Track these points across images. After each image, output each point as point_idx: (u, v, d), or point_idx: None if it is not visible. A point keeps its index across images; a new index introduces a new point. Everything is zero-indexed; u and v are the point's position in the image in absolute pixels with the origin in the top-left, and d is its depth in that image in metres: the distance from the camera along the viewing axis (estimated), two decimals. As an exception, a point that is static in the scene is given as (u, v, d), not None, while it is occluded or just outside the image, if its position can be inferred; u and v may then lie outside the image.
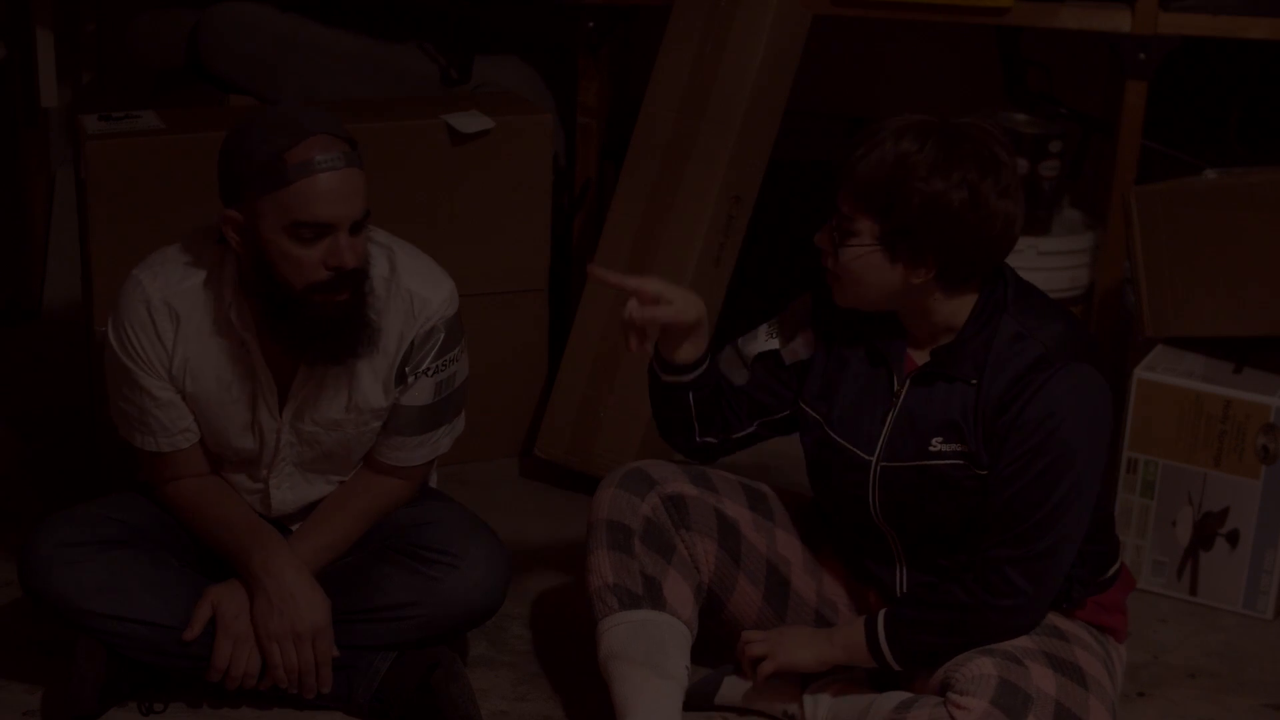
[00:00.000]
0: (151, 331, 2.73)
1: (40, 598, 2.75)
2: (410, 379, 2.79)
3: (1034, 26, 3.64)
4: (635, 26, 3.95)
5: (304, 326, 2.67)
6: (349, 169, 2.63)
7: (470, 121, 3.48)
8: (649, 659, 2.67)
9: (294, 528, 2.89)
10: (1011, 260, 2.64)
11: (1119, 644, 2.75)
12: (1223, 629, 3.17)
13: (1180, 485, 3.20)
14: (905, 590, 2.71)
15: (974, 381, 2.57)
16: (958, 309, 2.60)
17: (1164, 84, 3.73)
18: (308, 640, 2.75)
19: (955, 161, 2.50)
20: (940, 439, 2.60)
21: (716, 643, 2.88)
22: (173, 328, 2.73)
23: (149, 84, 4.15)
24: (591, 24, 3.74)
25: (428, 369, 2.79)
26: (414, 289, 2.76)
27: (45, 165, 4.38)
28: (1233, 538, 3.18)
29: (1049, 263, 3.73)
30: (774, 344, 2.78)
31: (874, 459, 2.65)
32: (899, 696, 2.62)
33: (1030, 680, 2.52)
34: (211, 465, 2.85)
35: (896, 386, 2.64)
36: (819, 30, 3.63)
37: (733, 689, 2.84)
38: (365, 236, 2.68)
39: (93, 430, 3.45)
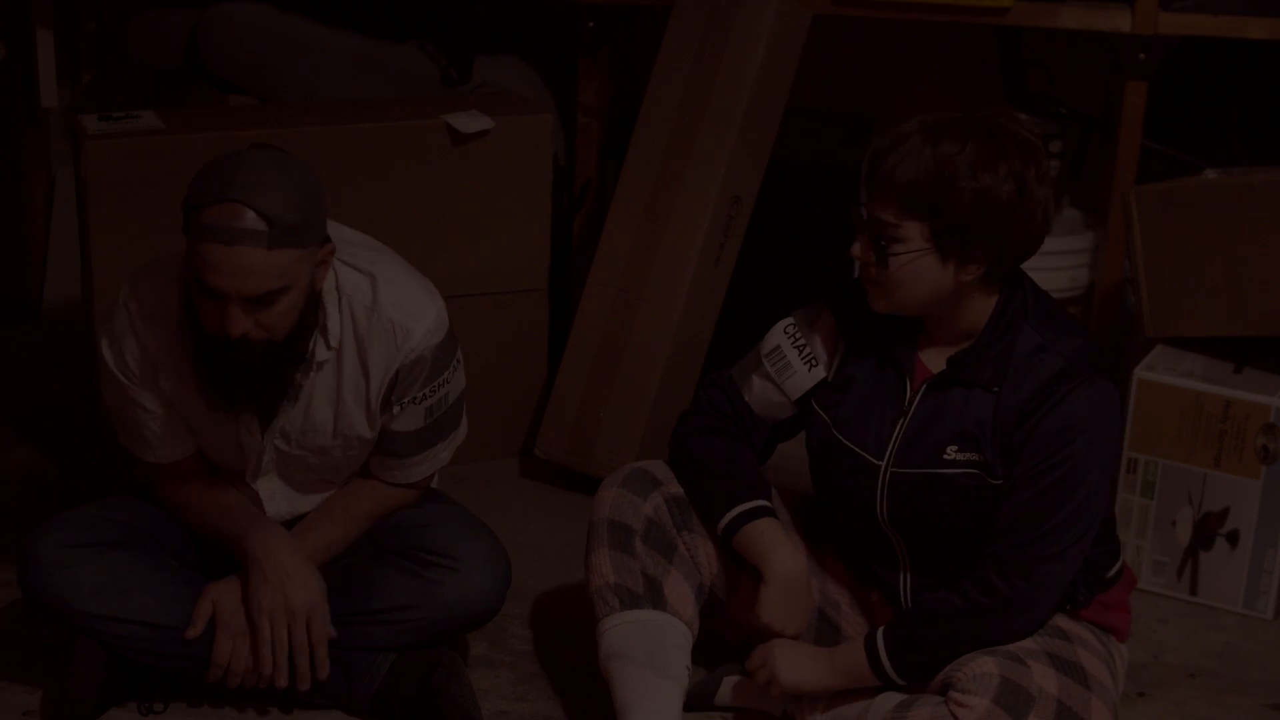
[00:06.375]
0: (138, 350, 2.72)
1: (39, 599, 2.75)
2: (396, 409, 2.77)
3: (1034, 26, 3.64)
4: (635, 26, 3.95)
5: (212, 369, 2.65)
6: (243, 247, 2.51)
7: (470, 121, 3.48)
8: (650, 659, 2.67)
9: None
10: (1012, 259, 2.64)
11: (1121, 644, 2.75)
12: (1223, 629, 3.17)
13: (1180, 485, 3.20)
14: (910, 594, 2.71)
15: (995, 389, 2.56)
16: (981, 311, 2.59)
17: (1164, 84, 3.73)
18: (301, 617, 2.73)
19: (999, 155, 2.49)
20: (955, 448, 2.58)
21: (717, 643, 2.88)
22: (158, 345, 2.72)
23: (149, 84, 4.15)
24: (591, 24, 3.73)
25: (415, 398, 2.77)
26: (396, 320, 2.72)
27: (45, 165, 4.38)
28: (1233, 538, 3.18)
29: (1049, 263, 3.72)
30: (820, 372, 2.73)
31: (884, 464, 2.64)
32: (899, 696, 2.62)
33: (1032, 679, 2.52)
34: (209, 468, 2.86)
35: (910, 392, 2.63)
36: (819, 30, 3.63)
37: (733, 689, 2.83)
38: (288, 309, 2.59)
39: (93, 430, 3.45)
